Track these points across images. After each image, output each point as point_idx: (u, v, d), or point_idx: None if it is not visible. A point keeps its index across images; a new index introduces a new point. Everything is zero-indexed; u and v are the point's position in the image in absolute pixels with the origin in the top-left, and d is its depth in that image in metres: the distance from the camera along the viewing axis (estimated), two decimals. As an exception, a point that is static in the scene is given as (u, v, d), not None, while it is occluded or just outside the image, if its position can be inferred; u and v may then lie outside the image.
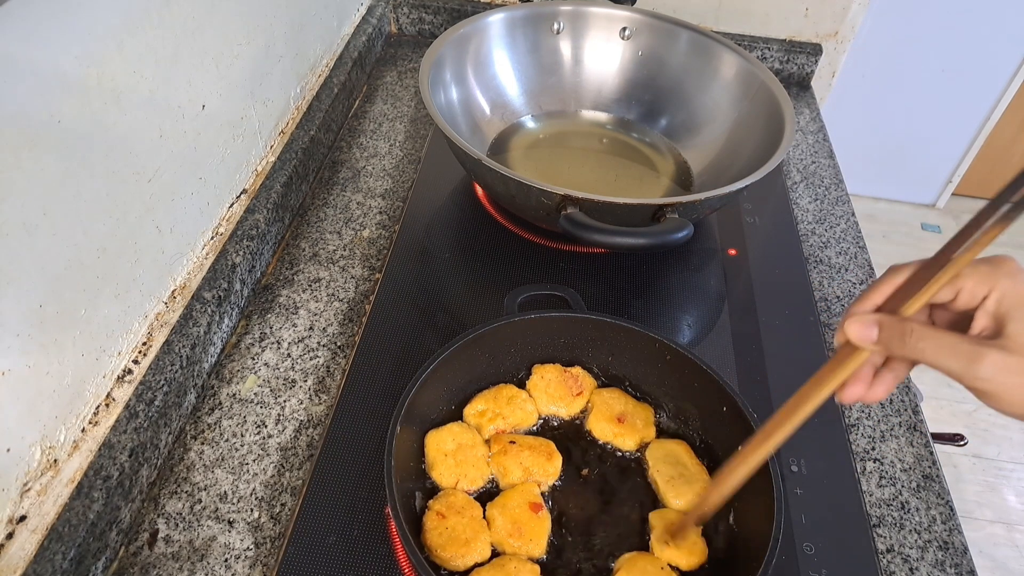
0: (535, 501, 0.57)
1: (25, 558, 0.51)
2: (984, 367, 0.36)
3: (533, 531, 0.56)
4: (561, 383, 0.66)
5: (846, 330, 0.41)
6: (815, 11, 1.16)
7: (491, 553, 0.55)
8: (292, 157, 0.86)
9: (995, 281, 0.38)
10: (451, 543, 0.53)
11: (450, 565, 0.53)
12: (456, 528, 0.54)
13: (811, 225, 0.93)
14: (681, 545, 0.55)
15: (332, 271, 0.82)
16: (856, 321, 0.40)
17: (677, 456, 0.61)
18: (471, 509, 0.56)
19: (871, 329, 0.40)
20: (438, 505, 0.56)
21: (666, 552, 0.55)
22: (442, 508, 0.56)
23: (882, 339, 0.40)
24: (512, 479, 0.59)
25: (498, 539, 0.55)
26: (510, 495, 0.58)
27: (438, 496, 0.57)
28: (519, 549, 0.55)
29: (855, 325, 0.40)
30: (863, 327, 0.40)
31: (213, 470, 0.63)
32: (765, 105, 0.88)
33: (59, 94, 0.50)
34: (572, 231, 0.68)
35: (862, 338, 0.40)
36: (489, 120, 0.98)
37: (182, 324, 0.67)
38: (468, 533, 0.54)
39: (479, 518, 0.56)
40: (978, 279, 0.38)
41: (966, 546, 0.62)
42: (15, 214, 0.47)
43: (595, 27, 1.01)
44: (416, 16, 1.23)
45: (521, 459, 0.60)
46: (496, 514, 0.56)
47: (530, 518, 0.56)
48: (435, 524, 0.55)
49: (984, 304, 0.38)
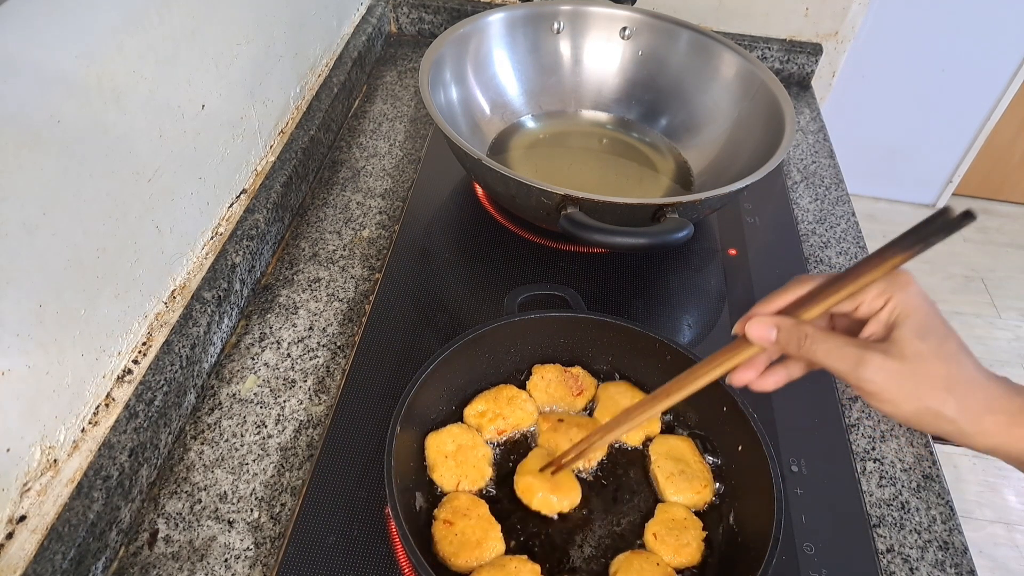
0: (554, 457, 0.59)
1: (25, 558, 0.51)
2: (867, 369, 0.40)
3: (567, 484, 0.58)
4: (561, 383, 0.66)
5: (747, 330, 0.44)
6: (815, 11, 1.16)
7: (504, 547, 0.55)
8: (292, 157, 0.86)
9: (891, 293, 0.41)
10: (463, 549, 0.53)
11: (466, 568, 0.53)
12: (465, 532, 0.54)
13: (811, 225, 0.93)
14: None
15: (332, 271, 0.82)
16: (757, 322, 0.43)
17: (680, 452, 0.61)
18: (477, 508, 0.56)
19: (770, 330, 0.43)
20: (444, 513, 0.56)
21: (658, 546, 0.55)
22: (448, 515, 0.55)
23: (780, 339, 0.43)
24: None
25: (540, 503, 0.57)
26: (527, 463, 0.60)
27: (442, 504, 0.57)
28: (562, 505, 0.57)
29: (756, 326, 0.43)
30: (763, 328, 0.43)
31: (213, 470, 0.63)
32: (765, 105, 0.88)
33: (59, 94, 0.50)
34: (572, 231, 0.68)
35: (762, 338, 0.43)
36: (489, 120, 0.98)
37: (182, 324, 0.67)
38: (478, 534, 0.54)
39: (487, 516, 0.56)
40: (877, 291, 0.41)
41: (966, 546, 0.62)
42: (15, 214, 0.47)
43: (595, 27, 1.01)
44: (416, 16, 1.23)
45: (571, 436, 0.61)
46: (529, 480, 0.58)
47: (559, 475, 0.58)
48: (444, 533, 0.54)
49: (879, 313, 0.41)
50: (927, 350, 0.39)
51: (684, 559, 0.55)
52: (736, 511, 0.58)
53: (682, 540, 0.56)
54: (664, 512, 0.58)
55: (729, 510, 0.58)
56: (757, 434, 0.57)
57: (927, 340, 0.40)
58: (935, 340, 0.40)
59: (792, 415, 0.69)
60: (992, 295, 2.31)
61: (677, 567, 0.55)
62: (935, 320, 0.41)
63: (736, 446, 0.60)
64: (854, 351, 0.40)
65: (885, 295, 0.41)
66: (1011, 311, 2.26)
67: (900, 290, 0.41)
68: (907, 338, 0.40)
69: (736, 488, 0.59)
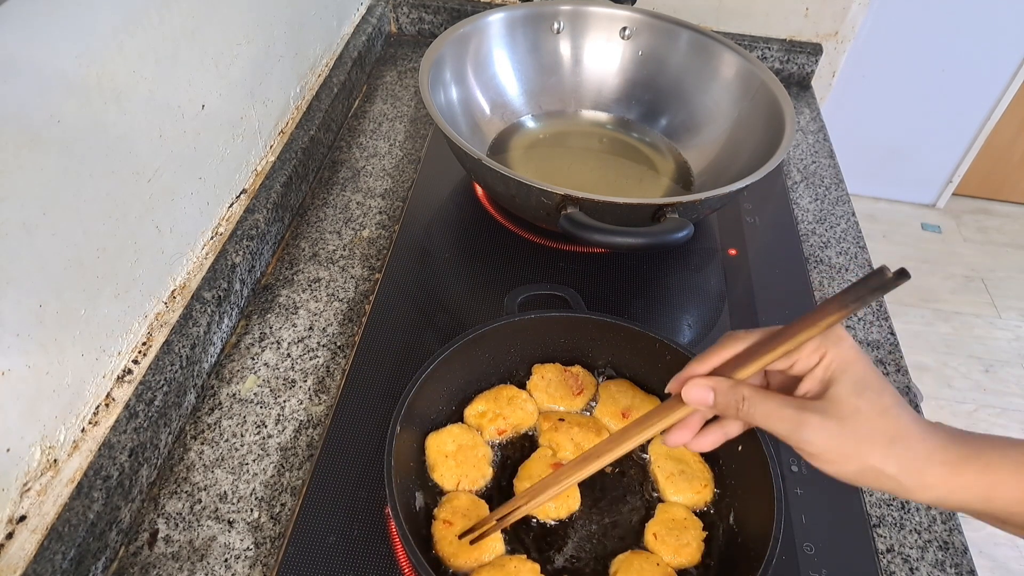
0: (555, 462, 0.59)
1: (25, 558, 0.51)
2: (805, 431, 0.39)
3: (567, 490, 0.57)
4: (561, 382, 0.66)
5: (684, 394, 0.43)
6: (815, 11, 1.16)
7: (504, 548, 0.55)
8: (292, 157, 0.86)
9: (825, 348, 0.41)
10: (463, 549, 0.53)
11: (466, 568, 0.53)
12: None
13: (811, 225, 0.93)
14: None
15: (332, 271, 0.82)
16: (694, 385, 0.43)
17: (680, 452, 0.61)
18: (477, 509, 0.56)
19: (707, 393, 0.43)
20: (444, 513, 0.56)
21: (658, 546, 0.55)
22: (448, 515, 0.55)
23: (717, 403, 0.43)
24: (564, 455, 0.61)
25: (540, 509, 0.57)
26: (528, 467, 0.59)
27: (441, 504, 0.57)
28: (560, 512, 0.57)
29: (693, 389, 0.43)
30: (701, 391, 0.43)
31: (213, 470, 0.63)
32: (765, 105, 0.88)
33: (59, 94, 0.50)
34: (572, 231, 0.68)
35: (699, 400, 0.43)
36: (489, 120, 0.98)
37: (182, 324, 0.67)
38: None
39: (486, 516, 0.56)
40: (811, 348, 0.41)
41: (966, 546, 0.62)
42: (15, 214, 0.47)
43: (595, 27, 1.01)
44: (416, 16, 1.23)
45: (572, 435, 0.61)
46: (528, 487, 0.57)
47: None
48: (444, 533, 0.54)
49: (814, 370, 0.41)
50: (864, 406, 0.39)
51: (684, 559, 0.55)
52: (736, 511, 0.58)
53: (682, 540, 0.56)
54: (664, 512, 0.58)
55: (729, 510, 0.58)
56: (757, 434, 0.57)
57: (863, 396, 0.39)
58: (872, 395, 0.39)
59: (792, 415, 0.69)
60: (992, 295, 2.31)
61: (677, 567, 0.55)
62: (870, 374, 0.40)
63: (736, 446, 0.59)
64: (792, 413, 0.40)
65: (820, 351, 0.41)
66: (1011, 311, 2.26)
67: (834, 345, 0.40)
68: (843, 395, 0.39)
69: (736, 488, 0.59)
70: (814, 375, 0.41)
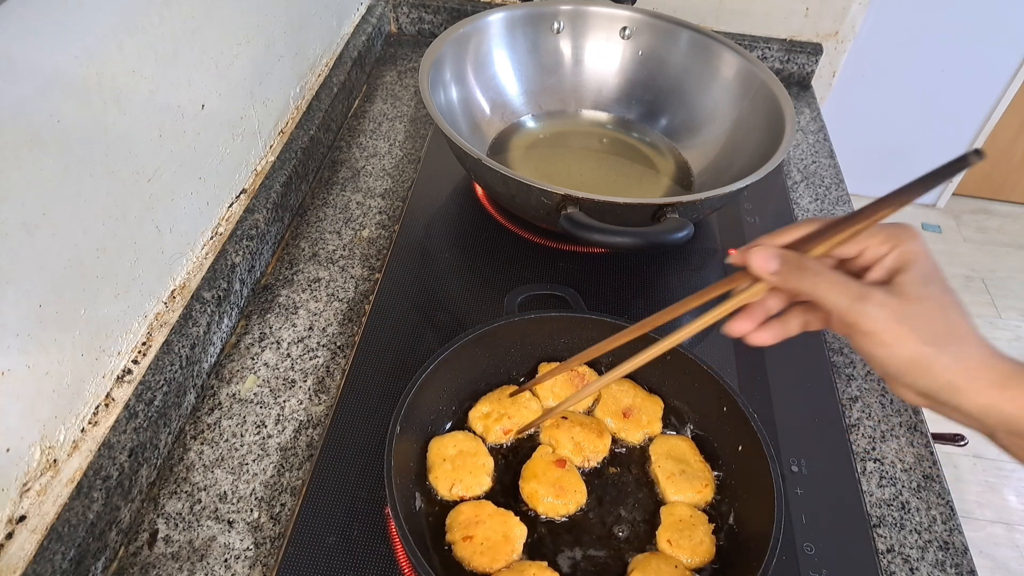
0: (556, 459, 0.59)
1: (25, 558, 0.51)
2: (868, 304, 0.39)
3: (571, 482, 0.58)
4: (567, 381, 0.66)
5: (749, 258, 0.42)
6: (815, 11, 1.16)
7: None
8: (292, 157, 0.86)
9: (896, 240, 0.41)
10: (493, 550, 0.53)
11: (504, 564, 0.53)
12: (489, 536, 0.54)
13: (811, 225, 0.93)
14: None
15: (332, 271, 0.82)
16: (761, 251, 0.42)
17: (681, 452, 0.61)
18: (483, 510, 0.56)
19: (773, 260, 0.42)
20: (457, 534, 0.54)
21: (675, 551, 0.55)
22: (463, 533, 0.54)
23: (781, 271, 0.41)
24: (563, 452, 0.61)
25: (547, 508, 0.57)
26: (531, 467, 0.59)
27: (449, 527, 0.55)
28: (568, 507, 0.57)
29: (759, 254, 0.42)
30: (766, 258, 0.42)
31: (213, 470, 0.63)
32: (765, 105, 0.88)
33: (59, 94, 0.50)
34: (572, 231, 0.68)
35: (763, 267, 0.42)
36: (489, 120, 0.98)
37: (182, 324, 0.67)
38: (500, 532, 0.54)
39: (496, 511, 0.55)
40: (882, 238, 0.41)
41: (966, 546, 0.62)
42: (15, 214, 0.47)
43: (595, 27, 1.01)
44: (416, 15, 1.23)
45: (572, 434, 0.61)
46: (534, 486, 0.57)
47: (562, 474, 0.58)
48: (469, 550, 0.53)
49: (883, 260, 0.41)
50: (929, 296, 0.39)
51: (700, 558, 0.55)
52: (736, 511, 0.58)
53: (695, 539, 0.55)
54: (670, 515, 0.57)
55: (729, 510, 0.58)
56: (757, 434, 0.57)
57: (929, 287, 0.39)
58: (937, 289, 0.39)
59: (792, 415, 0.69)
60: (992, 295, 2.31)
61: (696, 568, 0.55)
62: (938, 273, 0.40)
63: (736, 446, 0.60)
64: (856, 286, 0.40)
65: (891, 242, 0.41)
66: (1011, 311, 2.26)
67: (907, 239, 0.41)
68: (911, 282, 0.39)
69: (736, 488, 0.59)
70: (883, 264, 0.41)
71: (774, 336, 0.45)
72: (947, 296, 0.39)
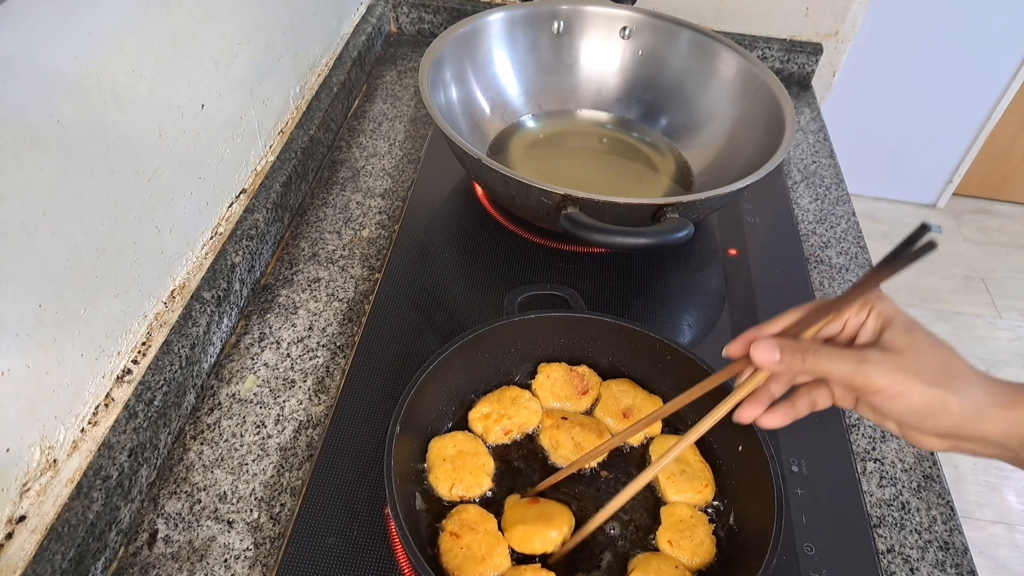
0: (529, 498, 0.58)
1: (24, 558, 0.51)
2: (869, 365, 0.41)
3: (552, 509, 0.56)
4: (567, 382, 0.66)
5: (752, 353, 0.44)
6: (815, 11, 1.16)
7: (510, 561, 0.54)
8: (291, 157, 0.86)
9: (870, 304, 0.44)
10: (467, 563, 0.52)
11: None
12: (471, 546, 0.53)
13: (812, 225, 0.93)
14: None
15: (332, 271, 0.82)
16: (760, 345, 0.44)
17: (681, 453, 0.61)
18: (485, 523, 0.55)
19: (774, 351, 0.44)
20: (451, 525, 0.55)
21: (676, 551, 0.55)
22: (455, 528, 0.55)
23: (784, 359, 0.44)
24: (563, 452, 0.60)
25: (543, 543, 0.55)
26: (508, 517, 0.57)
27: (450, 515, 0.56)
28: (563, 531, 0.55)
29: (759, 349, 0.44)
30: (767, 350, 0.44)
31: (213, 470, 0.63)
32: (765, 105, 0.88)
33: (59, 94, 0.50)
34: (572, 231, 0.68)
35: (767, 359, 0.44)
36: (489, 120, 0.98)
37: (181, 324, 0.67)
38: (484, 549, 0.53)
39: (494, 531, 0.55)
40: (858, 307, 0.44)
41: (967, 546, 0.62)
42: (15, 214, 0.47)
43: (595, 26, 1.01)
44: (416, 15, 1.23)
45: (573, 434, 0.61)
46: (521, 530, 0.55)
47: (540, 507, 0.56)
48: (450, 545, 0.54)
49: (865, 323, 0.44)
50: (916, 342, 0.42)
51: (700, 558, 0.55)
52: (736, 511, 0.58)
53: (695, 540, 0.55)
54: (670, 516, 0.57)
55: (729, 510, 0.58)
56: (757, 434, 0.57)
57: (914, 334, 0.42)
58: (921, 334, 0.42)
59: (792, 415, 0.69)
60: (992, 295, 2.31)
61: (697, 568, 0.55)
62: (914, 321, 0.43)
63: (736, 446, 0.59)
64: (854, 352, 0.42)
65: (867, 306, 0.44)
66: (1011, 311, 2.26)
67: (878, 301, 0.44)
68: (896, 335, 0.42)
69: (736, 488, 0.59)
70: (866, 327, 0.44)
71: (785, 418, 0.48)
72: (931, 338, 0.42)
